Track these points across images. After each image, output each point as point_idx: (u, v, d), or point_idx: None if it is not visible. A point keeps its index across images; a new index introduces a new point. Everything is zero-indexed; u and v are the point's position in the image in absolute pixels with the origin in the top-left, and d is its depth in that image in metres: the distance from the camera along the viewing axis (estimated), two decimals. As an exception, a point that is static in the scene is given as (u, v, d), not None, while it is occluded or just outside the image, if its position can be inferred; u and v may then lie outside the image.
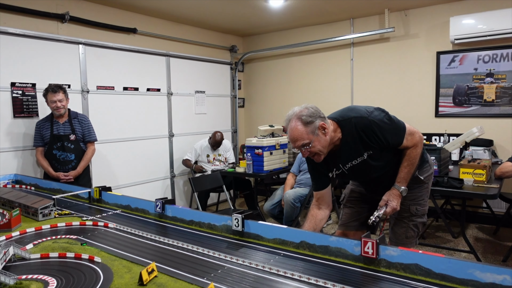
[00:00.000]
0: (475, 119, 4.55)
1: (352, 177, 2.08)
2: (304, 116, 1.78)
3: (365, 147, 1.85)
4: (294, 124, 1.79)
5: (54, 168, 3.42)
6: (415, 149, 1.89)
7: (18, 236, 1.80)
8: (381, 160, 1.90)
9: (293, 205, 3.85)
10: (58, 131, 3.42)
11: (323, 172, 1.99)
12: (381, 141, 1.82)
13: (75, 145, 3.47)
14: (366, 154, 1.87)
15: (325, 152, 1.84)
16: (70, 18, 4.02)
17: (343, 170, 1.95)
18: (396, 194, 1.89)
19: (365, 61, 5.31)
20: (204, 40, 5.73)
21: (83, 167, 3.50)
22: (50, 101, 3.35)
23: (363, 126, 1.81)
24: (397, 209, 1.90)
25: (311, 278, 1.26)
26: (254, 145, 4.26)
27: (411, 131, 1.88)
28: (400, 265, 1.30)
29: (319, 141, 1.79)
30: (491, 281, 1.14)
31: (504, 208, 4.34)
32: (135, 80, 4.65)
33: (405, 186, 1.90)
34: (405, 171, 1.90)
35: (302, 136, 1.78)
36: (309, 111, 1.79)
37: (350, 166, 1.92)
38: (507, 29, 4.15)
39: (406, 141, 1.87)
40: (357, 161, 1.89)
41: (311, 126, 1.77)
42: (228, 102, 6.15)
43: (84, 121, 3.58)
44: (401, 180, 1.90)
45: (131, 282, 1.27)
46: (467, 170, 3.30)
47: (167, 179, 5.16)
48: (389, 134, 1.83)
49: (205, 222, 1.86)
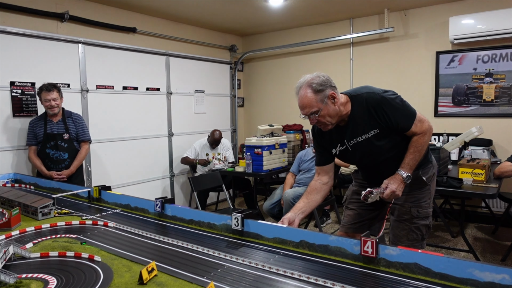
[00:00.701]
0: (474, 119, 4.56)
1: (355, 157, 1.98)
2: (315, 84, 1.78)
3: (372, 125, 1.83)
4: (304, 91, 1.80)
5: (47, 167, 3.40)
6: (423, 137, 1.86)
7: (18, 235, 1.80)
8: (387, 141, 1.87)
9: (293, 204, 3.84)
10: (52, 130, 3.41)
11: (327, 149, 1.99)
12: (390, 120, 1.81)
13: (69, 144, 3.46)
14: (372, 132, 1.85)
15: (333, 122, 1.83)
16: (70, 17, 4.02)
17: (347, 146, 1.93)
18: (398, 179, 1.83)
19: (364, 61, 5.32)
20: (204, 39, 5.73)
21: (76, 166, 3.49)
22: (44, 99, 3.34)
23: (374, 102, 1.81)
24: (397, 194, 1.81)
25: (310, 277, 1.26)
26: (254, 145, 4.26)
27: (421, 118, 1.87)
28: (399, 264, 1.31)
29: (327, 110, 1.79)
30: (490, 280, 1.14)
31: (503, 208, 4.35)
32: (134, 79, 4.65)
33: (409, 173, 1.83)
34: (410, 157, 1.85)
35: (311, 103, 1.78)
36: (320, 79, 1.79)
37: (354, 142, 1.90)
38: (506, 29, 4.16)
39: (415, 127, 1.85)
40: (362, 138, 1.87)
41: (321, 94, 1.77)
42: (227, 101, 6.15)
43: (78, 120, 3.56)
44: (405, 166, 1.84)
45: (131, 281, 1.27)
46: (466, 170, 3.30)
47: (167, 179, 5.16)
48: (399, 115, 1.82)
49: (205, 221, 1.86)
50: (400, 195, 1.84)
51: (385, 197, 1.83)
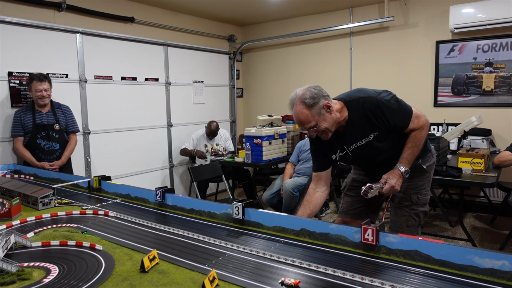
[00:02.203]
0: (473, 109, 4.55)
1: (356, 160, 2.04)
2: (307, 99, 1.78)
3: (372, 128, 1.84)
4: (299, 108, 1.80)
5: (37, 158, 3.34)
6: (420, 132, 1.88)
7: (19, 224, 1.80)
8: (387, 142, 1.89)
9: (292, 194, 3.87)
10: (42, 120, 3.37)
11: (326, 154, 2.00)
12: (388, 122, 1.82)
13: (60, 135, 3.44)
14: (372, 135, 1.86)
15: (332, 130, 1.84)
16: (67, 6, 3.97)
17: (347, 152, 1.94)
18: (396, 174, 1.86)
19: (364, 51, 5.29)
20: (202, 29, 5.68)
21: (67, 157, 3.48)
22: (35, 89, 3.29)
23: (371, 106, 1.81)
24: (396, 189, 1.85)
25: (311, 264, 1.27)
26: (253, 135, 4.26)
27: (417, 114, 1.88)
28: (399, 251, 1.32)
29: (325, 120, 1.80)
30: (490, 266, 1.15)
31: (501, 197, 4.37)
32: (133, 69, 4.62)
33: (407, 168, 1.87)
34: (408, 152, 1.87)
35: (308, 119, 1.80)
36: (312, 93, 1.79)
37: (354, 147, 1.92)
38: (507, 18, 4.13)
39: (412, 124, 1.86)
40: (362, 142, 1.89)
41: (315, 107, 1.78)
42: (226, 92, 6.13)
43: (67, 112, 3.55)
44: (403, 160, 1.87)
45: (133, 269, 1.27)
46: (466, 159, 3.31)
47: (166, 169, 5.16)
48: (396, 115, 1.82)
49: (205, 211, 1.87)
50: (399, 189, 1.88)
51: (384, 192, 1.86)
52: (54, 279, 1.22)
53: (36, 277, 1.24)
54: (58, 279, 1.22)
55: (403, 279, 1.17)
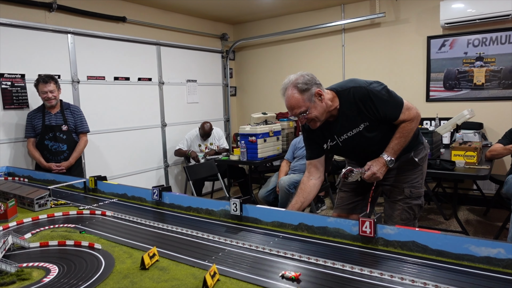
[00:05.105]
0: (465, 103, 4.60)
1: (346, 150, 2.03)
2: (300, 84, 1.79)
3: (362, 118, 1.85)
4: (291, 92, 1.81)
5: (46, 158, 3.40)
6: (410, 123, 1.87)
7: (16, 226, 1.79)
8: (377, 133, 1.89)
9: (288, 191, 3.88)
10: (50, 122, 3.40)
11: (318, 143, 2.01)
12: (377, 112, 1.82)
13: (67, 136, 3.45)
14: (362, 125, 1.87)
15: (321, 119, 1.85)
16: (58, 6, 3.94)
17: (337, 142, 1.95)
18: (380, 162, 1.85)
19: (356, 47, 5.31)
20: (195, 28, 5.66)
21: (75, 158, 3.48)
22: (41, 91, 3.32)
23: (361, 96, 1.82)
24: (377, 176, 1.83)
25: (311, 257, 1.28)
26: (248, 133, 4.26)
27: (408, 106, 1.88)
28: (397, 243, 1.33)
29: (315, 107, 1.81)
30: (486, 254, 1.17)
31: (494, 190, 4.43)
32: (125, 69, 4.59)
33: (392, 157, 1.85)
34: (395, 142, 1.87)
35: (299, 103, 1.80)
36: (305, 79, 1.80)
37: (345, 137, 1.92)
38: (496, 12, 4.19)
39: (403, 115, 1.86)
40: (352, 132, 1.89)
41: (307, 93, 1.79)
42: (220, 91, 6.12)
43: (76, 112, 3.55)
44: (389, 150, 1.86)
45: (133, 267, 1.28)
46: (459, 153, 3.34)
47: (161, 169, 5.15)
48: (386, 106, 1.83)
49: (203, 208, 1.87)
50: (381, 177, 1.87)
51: (365, 178, 1.85)
52: (54, 278, 1.22)
53: (36, 277, 1.24)
54: (58, 279, 1.22)
55: (401, 269, 1.19)
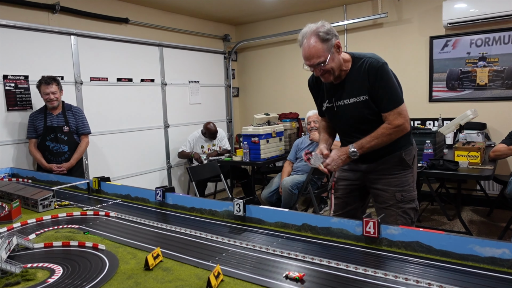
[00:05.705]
0: (468, 103, 4.58)
1: (337, 118, 1.98)
2: (322, 32, 1.77)
3: (364, 90, 1.83)
4: (313, 40, 1.78)
5: (47, 159, 3.41)
6: (389, 129, 1.80)
7: (20, 227, 1.80)
8: (371, 112, 1.84)
9: (291, 192, 3.88)
10: (52, 123, 3.41)
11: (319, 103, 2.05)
12: (377, 90, 1.80)
13: (69, 137, 3.46)
14: (362, 97, 1.84)
15: (336, 73, 1.84)
16: (61, 8, 3.96)
17: (333, 105, 1.94)
18: (343, 150, 1.84)
19: (358, 47, 5.30)
20: (197, 29, 5.68)
21: (76, 159, 3.49)
22: (43, 93, 3.34)
23: (372, 67, 1.80)
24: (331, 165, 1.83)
25: (315, 258, 1.28)
26: (251, 134, 4.26)
27: (401, 112, 1.81)
28: (401, 243, 1.33)
29: (333, 59, 1.79)
30: (490, 255, 1.17)
31: (498, 190, 4.41)
32: (128, 71, 4.61)
33: (357, 151, 1.82)
34: (368, 139, 1.82)
35: (319, 53, 1.77)
36: (326, 28, 1.78)
37: (341, 104, 1.91)
38: (499, 12, 4.18)
39: (390, 115, 1.80)
40: (349, 101, 1.88)
41: (328, 43, 1.77)
42: (222, 91, 6.13)
43: (78, 113, 3.56)
44: (358, 143, 1.83)
45: (137, 267, 1.28)
46: (462, 153, 3.34)
47: (164, 170, 5.15)
48: (386, 92, 1.80)
49: (206, 209, 1.87)
50: (336, 167, 1.86)
51: (324, 165, 1.85)
52: (58, 279, 1.23)
53: (40, 278, 1.24)
54: (62, 279, 1.22)
55: (405, 269, 1.19)
